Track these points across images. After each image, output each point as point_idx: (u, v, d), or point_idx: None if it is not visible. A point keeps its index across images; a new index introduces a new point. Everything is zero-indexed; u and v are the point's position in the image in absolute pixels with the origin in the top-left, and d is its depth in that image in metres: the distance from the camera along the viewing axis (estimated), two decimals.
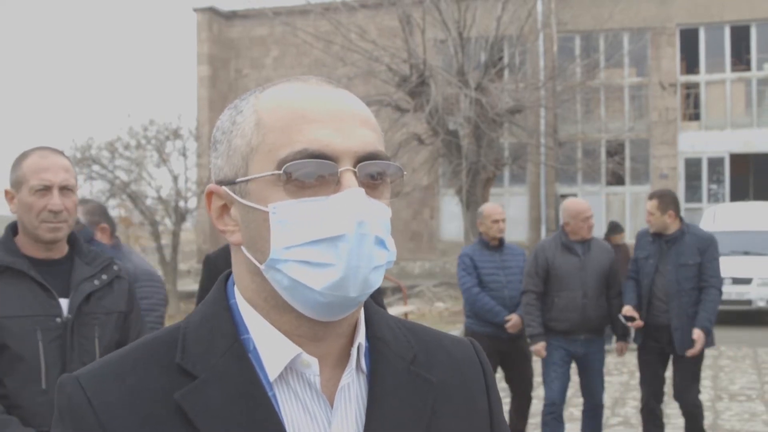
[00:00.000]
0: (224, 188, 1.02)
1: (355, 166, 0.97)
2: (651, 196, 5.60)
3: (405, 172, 1.04)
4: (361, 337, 1.04)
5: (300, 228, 0.96)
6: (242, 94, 1.07)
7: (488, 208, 6.11)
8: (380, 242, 0.98)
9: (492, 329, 5.83)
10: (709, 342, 5.48)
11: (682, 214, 5.81)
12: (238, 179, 1.00)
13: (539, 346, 5.59)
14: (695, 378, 5.55)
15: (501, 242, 6.09)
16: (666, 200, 5.49)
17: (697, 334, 5.38)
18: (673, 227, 5.50)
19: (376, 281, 0.99)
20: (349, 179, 0.96)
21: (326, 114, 0.98)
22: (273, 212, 0.97)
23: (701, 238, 5.47)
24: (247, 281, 1.02)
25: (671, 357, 5.61)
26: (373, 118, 1.05)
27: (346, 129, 0.98)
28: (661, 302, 5.47)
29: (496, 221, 5.97)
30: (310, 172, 0.96)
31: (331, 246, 0.95)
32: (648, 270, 5.55)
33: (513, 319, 5.80)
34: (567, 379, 5.71)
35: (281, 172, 0.96)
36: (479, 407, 1.13)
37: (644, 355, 5.70)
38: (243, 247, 1.02)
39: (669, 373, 5.81)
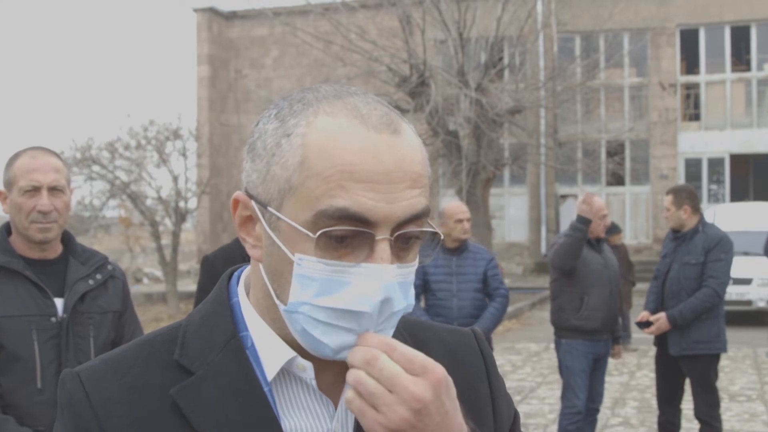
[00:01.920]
0: (254, 204, 0.98)
1: (393, 233, 0.94)
2: (668, 192, 5.45)
3: (442, 237, 1.01)
4: None
5: (321, 290, 0.93)
6: (293, 101, 0.99)
7: (451, 206, 5.53)
8: (398, 312, 0.97)
9: None
10: (713, 346, 5.25)
11: None
12: (270, 208, 0.96)
13: (577, 203, 5.39)
14: (707, 388, 5.29)
15: (462, 245, 5.47)
16: (681, 195, 5.34)
17: (661, 318, 5.22)
18: (689, 224, 5.32)
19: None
20: (382, 249, 0.93)
21: (377, 174, 0.92)
22: (298, 263, 0.94)
23: (710, 237, 5.25)
24: (260, 296, 1.01)
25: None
26: (426, 165, 0.99)
27: (393, 191, 0.93)
28: (671, 301, 5.32)
29: (460, 221, 5.39)
30: (344, 236, 0.92)
31: (351, 317, 0.93)
32: (663, 269, 5.43)
33: None
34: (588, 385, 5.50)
35: (315, 236, 0.91)
36: (481, 394, 1.13)
37: (660, 358, 5.52)
38: (262, 268, 1.00)
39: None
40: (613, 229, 11.22)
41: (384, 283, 0.92)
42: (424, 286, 5.44)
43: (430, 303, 5.44)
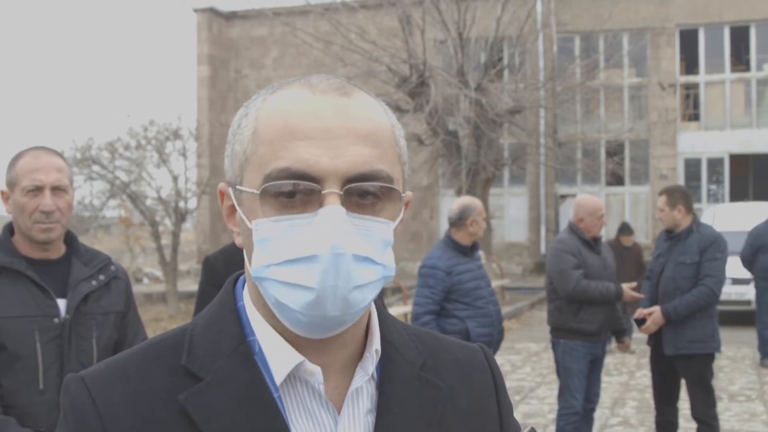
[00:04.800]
0: (230, 190, 1.01)
1: (342, 188, 0.93)
2: (661, 192, 5.45)
3: (404, 195, 0.99)
4: (377, 343, 1.03)
5: (278, 247, 0.94)
6: (260, 90, 1.04)
7: (478, 203, 5.14)
8: (363, 260, 0.94)
9: None
10: (708, 346, 5.25)
11: None
12: (236, 186, 0.99)
13: (626, 288, 5.26)
14: (703, 387, 5.31)
15: (475, 245, 5.11)
16: (675, 196, 5.34)
17: (655, 311, 5.23)
18: (684, 224, 5.32)
19: (360, 300, 0.95)
20: (330, 201, 0.92)
21: (318, 130, 0.94)
22: (255, 229, 0.96)
23: (705, 237, 5.27)
24: (251, 284, 1.02)
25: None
26: (385, 128, 0.99)
27: (337, 147, 0.93)
28: (665, 301, 5.30)
29: (485, 218, 5.11)
30: (291, 192, 0.93)
31: (306, 266, 0.92)
32: (657, 269, 5.44)
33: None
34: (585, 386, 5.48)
35: (258, 192, 0.94)
36: (489, 412, 1.12)
37: (654, 357, 5.52)
38: (245, 252, 1.01)
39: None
40: (625, 230, 11.14)
41: (331, 226, 0.91)
42: (446, 295, 4.87)
43: (466, 314, 4.89)
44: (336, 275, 0.92)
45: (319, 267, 0.92)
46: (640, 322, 5.38)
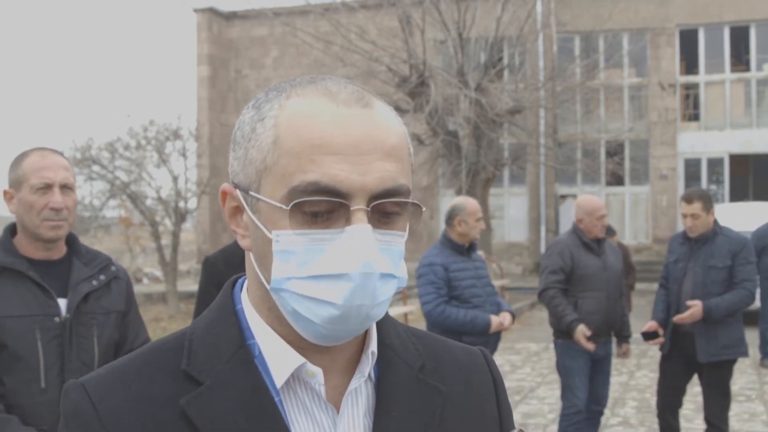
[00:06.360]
0: (238, 192, 1.00)
1: (369, 204, 0.93)
2: (690, 199, 5.18)
3: (424, 209, 1.00)
4: (373, 345, 1.04)
5: (302, 261, 0.93)
6: (269, 90, 1.02)
7: (471, 204, 5.12)
8: (387, 277, 0.95)
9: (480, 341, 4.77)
10: (738, 351, 5.23)
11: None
12: (251, 192, 0.97)
13: (582, 329, 5.14)
14: (723, 392, 5.26)
15: (472, 245, 5.14)
16: (708, 200, 5.20)
17: (697, 304, 5.08)
18: (709, 227, 5.23)
19: (380, 314, 0.97)
20: (358, 218, 0.92)
21: (346, 145, 0.93)
22: (276, 240, 0.94)
23: (734, 240, 5.19)
24: (255, 287, 1.02)
25: (698, 370, 5.34)
26: (403, 140, 0.99)
27: (365, 163, 0.93)
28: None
29: (479, 219, 5.08)
30: (318, 209, 0.92)
31: (333, 283, 0.92)
32: (677, 274, 5.29)
33: (504, 318, 5.01)
34: (588, 385, 5.44)
35: (288, 207, 0.92)
36: (488, 416, 1.12)
37: (666, 364, 5.44)
38: (252, 256, 1.01)
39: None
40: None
41: (362, 245, 0.91)
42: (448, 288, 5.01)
43: None
44: (363, 294, 0.93)
45: (347, 285, 0.92)
46: (648, 335, 5.32)
